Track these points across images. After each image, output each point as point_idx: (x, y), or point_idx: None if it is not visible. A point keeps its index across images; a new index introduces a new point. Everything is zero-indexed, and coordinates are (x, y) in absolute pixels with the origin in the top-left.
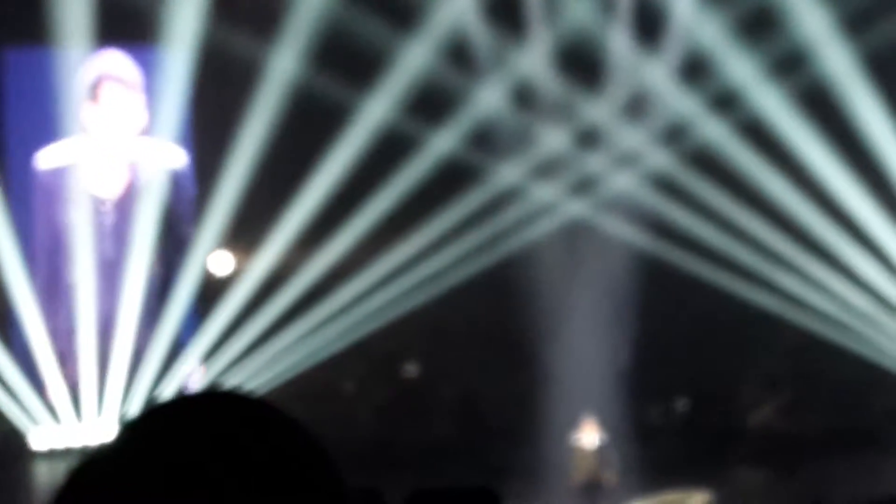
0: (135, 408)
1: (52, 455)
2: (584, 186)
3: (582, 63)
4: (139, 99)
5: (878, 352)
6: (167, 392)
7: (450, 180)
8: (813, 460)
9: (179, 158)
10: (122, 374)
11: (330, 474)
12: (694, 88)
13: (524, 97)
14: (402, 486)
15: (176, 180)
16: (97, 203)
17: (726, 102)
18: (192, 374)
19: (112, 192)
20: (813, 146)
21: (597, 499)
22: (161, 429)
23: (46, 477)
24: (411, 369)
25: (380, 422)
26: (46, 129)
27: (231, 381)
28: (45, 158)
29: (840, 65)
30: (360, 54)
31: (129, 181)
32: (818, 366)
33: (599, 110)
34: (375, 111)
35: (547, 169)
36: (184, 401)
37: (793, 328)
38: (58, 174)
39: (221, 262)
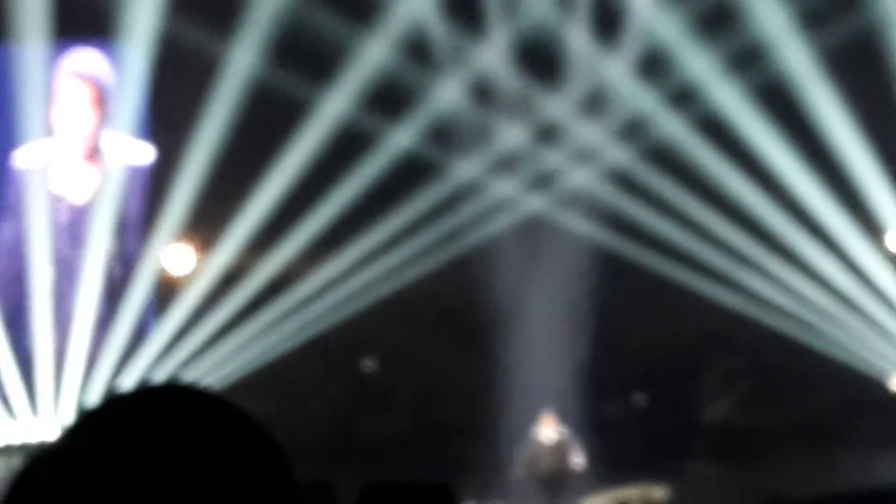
0: (93, 399)
1: (8, 451)
2: (542, 182)
3: (540, 59)
4: (101, 97)
5: (835, 346)
6: (125, 385)
7: (408, 176)
8: (771, 454)
9: (146, 155)
10: (79, 370)
11: (282, 469)
12: (653, 84)
13: (482, 93)
14: (358, 480)
15: (138, 177)
16: (62, 202)
17: (686, 98)
18: (149, 370)
19: (77, 190)
20: (773, 142)
21: (557, 493)
22: (118, 420)
23: (2, 472)
24: (368, 364)
25: (336, 417)
26: (10, 127)
27: (189, 376)
28: (19, 159)
29: (801, 61)
30: (319, 50)
31: (93, 179)
32: (776, 360)
33: (558, 106)
34: (334, 106)
35: (505, 164)
36: (142, 392)
37: (750, 323)
38: (27, 175)
39: (179, 258)
